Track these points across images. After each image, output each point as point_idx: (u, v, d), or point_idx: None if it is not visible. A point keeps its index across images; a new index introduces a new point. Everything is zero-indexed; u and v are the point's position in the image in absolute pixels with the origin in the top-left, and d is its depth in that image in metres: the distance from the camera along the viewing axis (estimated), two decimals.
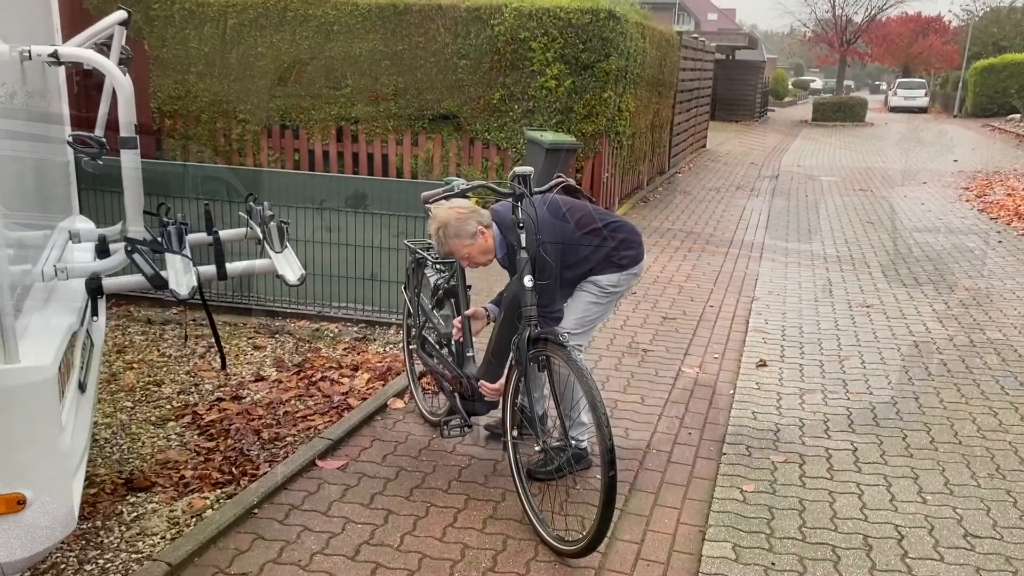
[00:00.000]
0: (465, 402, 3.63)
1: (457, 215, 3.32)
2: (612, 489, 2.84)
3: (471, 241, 3.32)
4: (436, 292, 3.85)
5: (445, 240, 3.33)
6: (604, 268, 3.51)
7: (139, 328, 5.45)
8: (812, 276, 7.57)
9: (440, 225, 3.33)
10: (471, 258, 3.37)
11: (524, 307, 3.18)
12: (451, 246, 3.33)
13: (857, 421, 4.39)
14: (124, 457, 3.78)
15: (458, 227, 3.31)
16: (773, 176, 15.06)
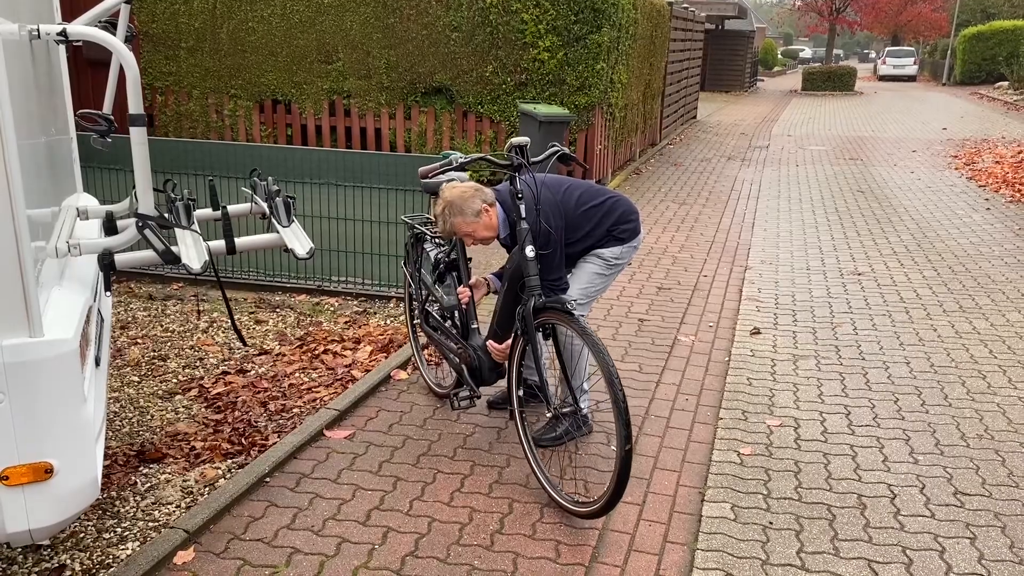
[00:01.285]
0: (472, 373, 3.70)
1: (461, 193, 3.37)
2: (628, 460, 2.90)
3: (475, 219, 3.38)
4: (437, 266, 3.90)
5: (450, 219, 3.37)
6: (606, 242, 3.58)
7: (141, 304, 5.50)
8: (804, 245, 7.66)
9: (445, 204, 3.38)
10: (475, 235, 3.43)
11: (527, 277, 3.25)
12: (456, 225, 3.38)
13: (850, 386, 4.49)
14: (134, 430, 3.85)
15: (463, 206, 3.36)
16: (764, 146, 15.11)
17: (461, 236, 3.45)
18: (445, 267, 3.87)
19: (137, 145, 2.63)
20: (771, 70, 46.38)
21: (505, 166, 3.33)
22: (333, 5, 9.64)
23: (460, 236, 3.45)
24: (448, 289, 3.91)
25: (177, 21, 10.03)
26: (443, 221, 3.41)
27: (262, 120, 10.25)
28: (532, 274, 3.24)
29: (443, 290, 3.93)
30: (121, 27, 3.15)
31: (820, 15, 40.13)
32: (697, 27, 18.37)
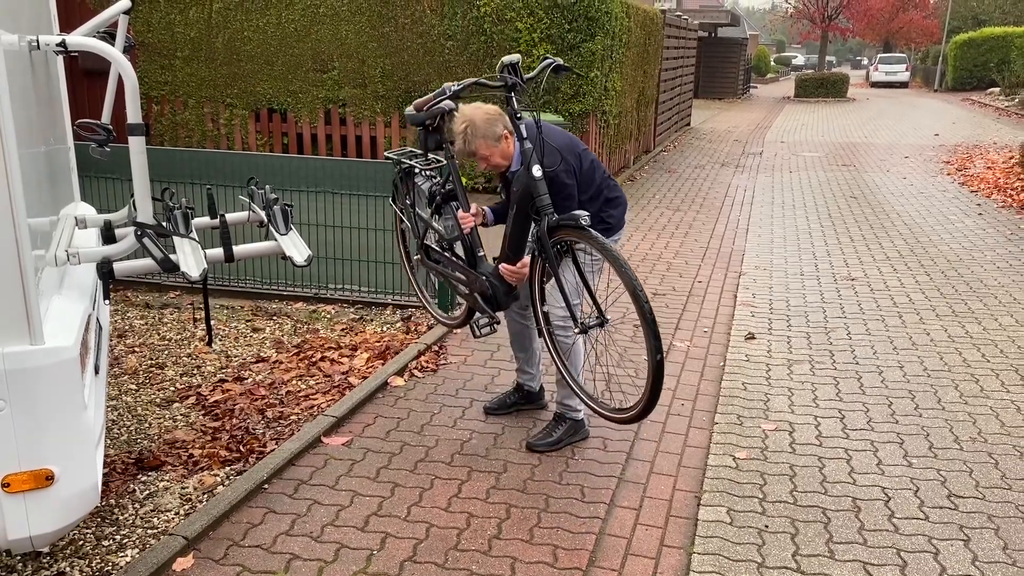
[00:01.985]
0: (488, 300, 3.60)
1: (485, 115, 3.36)
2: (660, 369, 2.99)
3: (495, 144, 3.36)
4: (433, 198, 3.75)
5: (472, 139, 3.34)
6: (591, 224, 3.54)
7: (138, 312, 5.51)
8: (797, 251, 7.71)
9: (467, 123, 3.35)
10: (490, 160, 3.41)
11: (537, 197, 3.18)
12: (476, 146, 3.35)
13: (844, 390, 4.52)
14: (132, 438, 3.86)
15: (485, 128, 3.34)
16: (757, 152, 15.19)
17: (478, 159, 3.41)
18: (442, 198, 3.71)
19: (136, 154, 2.65)
20: (764, 77, 46.59)
21: (499, 87, 3.25)
22: (328, 15, 9.68)
23: (477, 159, 3.41)
24: (447, 220, 3.74)
25: (173, 31, 10.06)
26: (463, 141, 3.36)
27: (258, 129, 10.28)
28: (542, 193, 3.18)
29: (442, 222, 3.76)
30: (119, 38, 3.18)
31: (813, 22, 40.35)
32: (690, 35, 18.46)
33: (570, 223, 3.11)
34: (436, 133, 3.57)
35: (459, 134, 3.39)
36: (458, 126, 3.40)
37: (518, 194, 3.34)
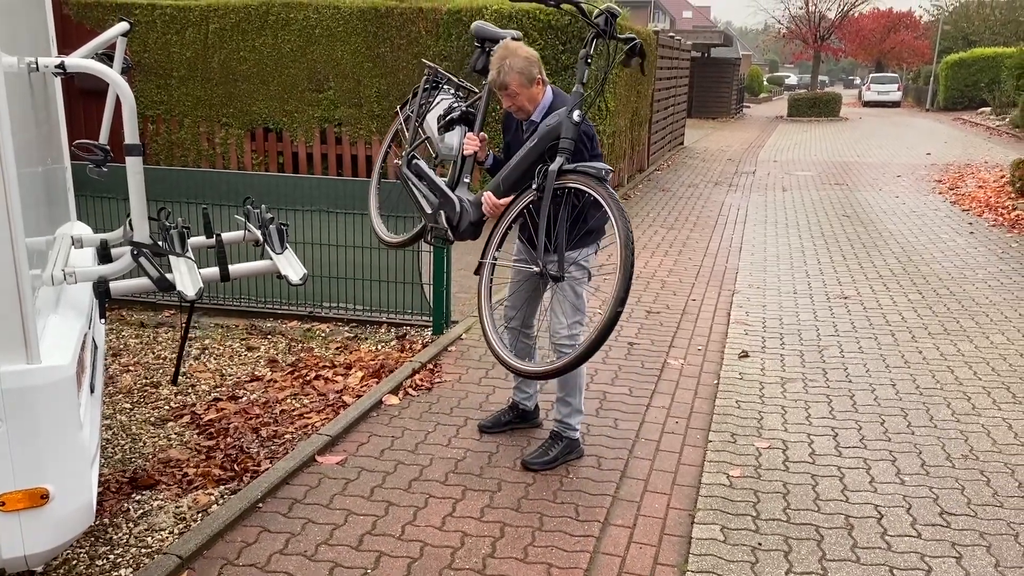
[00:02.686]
0: (451, 224, 3.56)
1: (527, 54, 3.37)
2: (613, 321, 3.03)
3: (528, 85, 3.37)
4: (449, 114, 3.68)
5: (509, 71, 3.33)
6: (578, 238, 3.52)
7: (133, 331, 5.51)
8: (791, 269, 7.75)
9: (509, 54, 3.35)
10: (516, 100, 3.41)
11: (564, 138, 3.15)
12: (510, 79, 3.35)
13: (837, 408, 4.54)
14: (126, 457, 3.86)
15: (524, 65, 3.34)
16: (750, 172, 15.28)
17: (507, 94, 3.40)
18: (459, 117, 3.65)
19: (133, 174, 2.68)
20: (757, 96, 46.90)
21: (593, 22, 3.22)
22: (324, 35, 9.76)
23: (506, 94, 3.40)
24: (452, 138, 3.66)
25: (169, 51, 10.12)
26: (499, 71, 3.36)
27: (253, 148, 10.33)
28: (570, 136, 3.16)
29: (445, 139, 3.68)
30: (118, 59, 3.21)
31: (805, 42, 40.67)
32: (683, 55, 18.61)
33: (589, 171, 3.11)
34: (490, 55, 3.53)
35: (497, 62, 3.38)
36: (498, 55, 3.39)
37: (545, 131, 3.26)
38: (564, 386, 3.80)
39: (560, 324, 3.66)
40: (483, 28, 3.66)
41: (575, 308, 3.66)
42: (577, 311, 3.67)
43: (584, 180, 3.15)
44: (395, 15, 9.55)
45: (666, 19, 56.56)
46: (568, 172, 3.17)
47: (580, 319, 3.70)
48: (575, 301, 3.66)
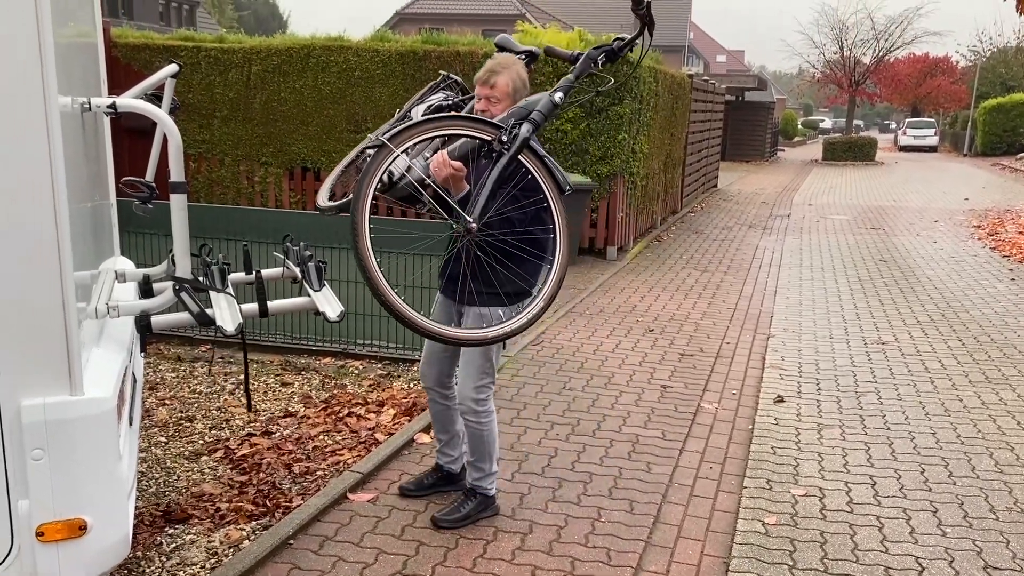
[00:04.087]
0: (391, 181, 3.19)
1: (525, 77, 3.35)
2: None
3: (510, 98, 3.28)
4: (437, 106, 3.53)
5: (504, 74, 3.29)
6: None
7: (169, 365, 5.59)
8: (827, 314, 7.66)
9: (514, 64, 3.34)
10: (492, 100, 3.32)
11: (536, 111, 2.96)
12: (501, 80, 3.29)
13: (875, 456, 4.46)
14: (160, 490, 3.88)
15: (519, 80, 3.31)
16: (785, 215, 15.20)
17: (490, 92, 3.31)
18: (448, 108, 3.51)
19: (177, 211, 2.74)
20: (791, 140, 46.84)
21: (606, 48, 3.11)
22: (363, 78, 9.95)
23: (490, 91, 3.31)
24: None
25: (212, 91, 10.38)
26: (494, 70, 3.31)
27: (291, 187, 10.50)
28: (543, 112, 2.96)
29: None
30: (166, 99, 3.30)
31: (840, 87, 40.65)
32: (717, 98, 18.68)
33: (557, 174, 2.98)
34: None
35: (504, 60, 3.34)
36: (502, 59, 3.37)
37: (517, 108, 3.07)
38: (474, 452, 3.62)
39: (465, 387, 3.50)
40: (507, 41, 3.65)
41: (482, 371, 3.50)
42: (485, 373, 3.50)
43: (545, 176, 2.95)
44: (432, 58, 9.72)
45: (700, 63, 56.91)
46: (536, 154, 2.96)
47: (487, 382, 3.53)
48: (482, 364, 3.49)
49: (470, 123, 2.99)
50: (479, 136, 2.96)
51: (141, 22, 30.42)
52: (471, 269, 3.23)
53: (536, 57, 3.57)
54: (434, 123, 2.91)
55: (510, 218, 3.13)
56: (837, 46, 39.23)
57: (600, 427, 4.74)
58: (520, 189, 3.05)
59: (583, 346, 6.33)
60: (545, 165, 2.97)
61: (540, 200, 3.04)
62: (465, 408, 3.54)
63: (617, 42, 3.13)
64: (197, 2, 39.78)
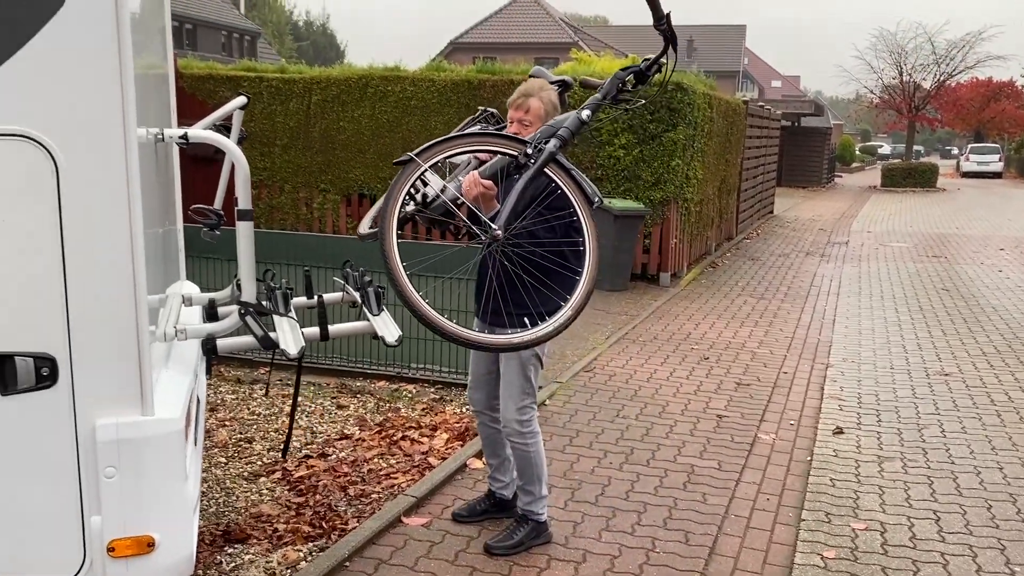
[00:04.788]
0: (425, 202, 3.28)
1: (556, 100, 3.43)
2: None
3: (541, 121, 3.34)
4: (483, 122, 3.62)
5: (537, 96, 3.39)
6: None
7: (229, 387, 5.71)
8: (887, 343, 7.49)
9: (547, 88, 3.42)
10: (524, 123, 3.40)
11: (564, 127, 3.01)
12: (534, 103, 3.38)
13: (939, 490, 4.34)
14: (220, 510, 3.96)
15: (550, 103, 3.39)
16: (843, 242, 14.95)
17: (518, 115, 3.41)
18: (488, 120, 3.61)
19: (243, 237, 2.82)
20: (849, 166, 46.08)
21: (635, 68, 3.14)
22: (419, 107, 10.13)
23: (523, 112, 3.40)
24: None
25: (273, 120, 10.67)
26: (528, 92, 3.40)
27: (348, 213, 10.70)
28: (571, 128, 3.00)
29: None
30: (235, 130, 3.42)
31: (899, 112, 39.92)
32: (773, 124, 18.52)
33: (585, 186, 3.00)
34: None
35: (536, 84, 3.43)
36: (536, 82, 3.46)
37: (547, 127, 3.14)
38: (522, 475, 3.64)
39: (508, 410, 3.54)
40: (541, 72, 3.72)
41: (523, 391, 3.53)
42: (526, 394, 3.53)
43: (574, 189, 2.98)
44: (487, 87, 9.85)
45: (754, 88, 56.54)
46: (563, 167, 2.98)
47: (530, 403, 3.56)
48: (522, 384, 3.52)
49: (496, 139, 3.08)
50: (506, 151, 3.02)
51: (205, 52, 31.41)
52: (500, 289, 3.25)
53: (569, 86, 3.63)
54: (461, 139, 3.00)
55: (539, 235, 3.18)
56: (896, 71, 38.57)
57: (654, 456, 4.70)
58: (548, 207, 3.11)
59: (636, 373, 6.30)
60: (572, 178, 3.01)
61: (568, 215, 3.07)
62: (510, 430, 3.57)
63: (644, 62, 3.17)
64: (258, 33, 40.93)
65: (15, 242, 2.16)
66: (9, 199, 2.15)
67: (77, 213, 2.18)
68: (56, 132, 2.15)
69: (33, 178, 2.15)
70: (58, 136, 2.15)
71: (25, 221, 2.16)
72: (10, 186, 2.14)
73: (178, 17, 31.44)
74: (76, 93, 2.16)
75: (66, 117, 2.16)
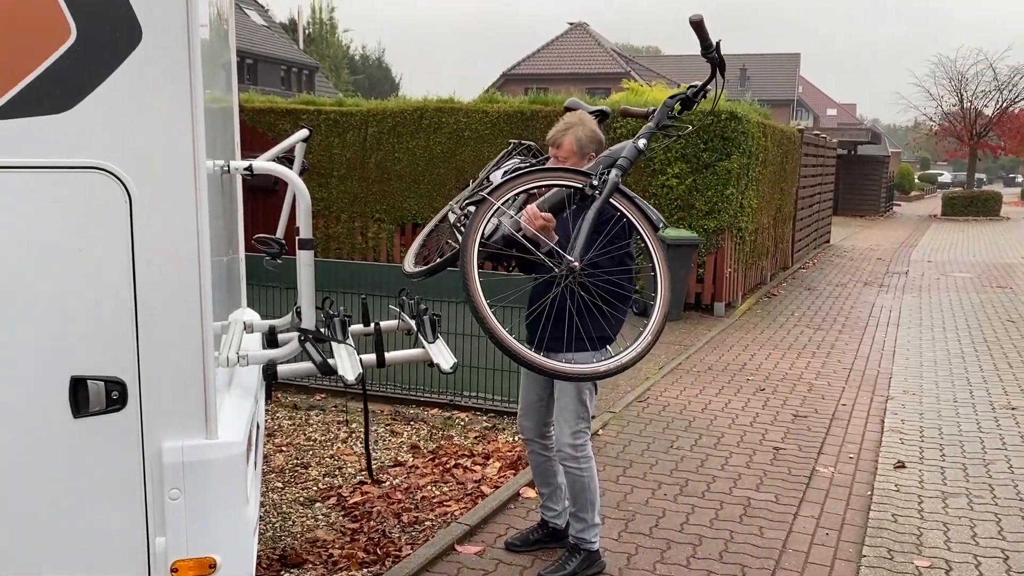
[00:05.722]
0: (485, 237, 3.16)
1: (593, 131, 3.47)
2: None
3: (579, 156, 3.43)
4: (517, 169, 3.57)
5: (569, 133, 3.44)
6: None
7: (286, 413, 5.81)
8: (950, 376, 7.29)
9: (579, 122, 3.47)
10: (556, 161, 3.48)
11: (623, 157, 3.06)
12: (566, 140, 3.44)
13: (1007, 528, 4.19)
14: (276, 535, 4.02)
15: (585, 137, 3.44)
16: (902, 272, 14.62)
17: (556, 153, 3.48)
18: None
19: (304, 266, 2.89)
20: (908, 194, 45.15)
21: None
22: (472, 138, 10.26)
23: (557, 151, 3.48)
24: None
25: (331, 152, 10.90)
26: (565, 127, 3.46)
27: (402, 242, 10.84)
28: (630, 158, 3.08)
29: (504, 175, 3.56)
30: (297, 162, 3.52)
31: (960, 140, 39.02)
32: (829, 152, 18.29)
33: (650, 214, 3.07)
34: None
35: (563, 123, 3.49)
36: (568, 119, 3.52)
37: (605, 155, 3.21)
38: (575, 502, 3.63)
39: (563, 433, 3.56)
40: (576, 103, 3.78)
41: (578, 416, 3.54)
42: (580, 419, 3.55)
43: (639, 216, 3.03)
44: (539, 117, 9.94)
45: (809, 117, 55.92)
46: (625, 195, 3.04)
47: (584, 427, 3.57)
48: (577, 408, 3.54)
49: (562, 174, 3.15)
50: (571, 184, 3.08)
51: (265, 86, 32.31)
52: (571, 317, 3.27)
53: (607, 115, 3.66)
54: (530, 176, 3.07)
55: (598, 263, 3.19)
56: (956, 98, 37.79)
57: (710, 488, 4.64)
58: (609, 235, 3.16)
59: (691, 404, 6.23)
60: (636, 205, 3.06)
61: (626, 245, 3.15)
62: (564, 455, 3.57)
63: (691, 88, 3.20)
64: (316, 67, 41.96)
65: (89, 270, 2.25)
66: (84, 229, 2.24)
67: (148, 243, 2.26)
68: (130, 164, 2.24)
69: (107, 209, 2.24)
70: (132, 168, 2.24)
71: (99, 250, 2.25)
72: (86, 216, 2.23)
73: (240, 52, 32.42)
74: (150, 126, 2.25)
75: (140, 150, 2.25)
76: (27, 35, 2.17)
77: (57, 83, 2.19)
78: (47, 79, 2.19)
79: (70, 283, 2.24)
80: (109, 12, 2.19)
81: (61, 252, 2.24)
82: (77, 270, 2.24)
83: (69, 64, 2.19)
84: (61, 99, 2.19)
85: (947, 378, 7.20)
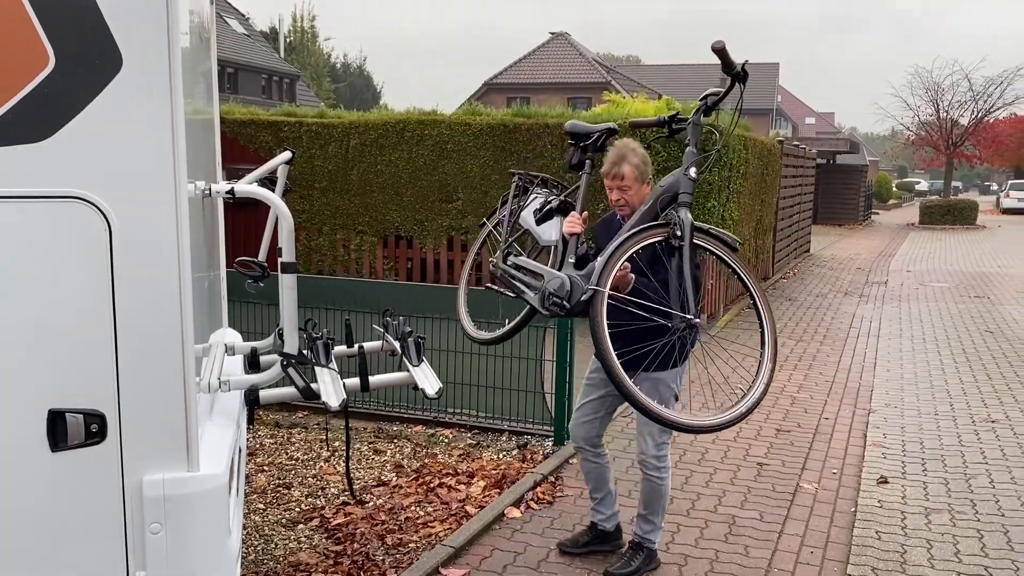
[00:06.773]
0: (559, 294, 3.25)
1: (644, 154, 3.61)
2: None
3: (641, 182, 3.58)
4: (546, 206, 3.68)
5: (626, 164, 3.55)
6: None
7: (268, 431, 5.75)
8: (930, 388, 7.34)
9: (628, 151, 3.58)
10: (627, 193, 3.60)
11: (683, 193, 3.04)
12: (626, 171, 3.55)
13: (989, 544, 4.21)
14: (259, 558, 3.97)
15: (641, 163, 3.57)
16: (882, 282, 14.74)
17: (617, 185, 3.59)
18: (557, 206, 3.62)
19: (287, 290, 2.86)
20: (886, 203, 45.60)
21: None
22: (455, 150, 10.24)
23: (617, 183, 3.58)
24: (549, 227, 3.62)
25: (313, 164, 10.84)
26: (616, 162, 3.55)
27: (385, 254, 10.80)
28: (689, 192, 3.05)
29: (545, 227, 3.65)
30: (280, 184, 3.48)
31: (936, 149, 39.47)
32: (808, 162, 18.43)
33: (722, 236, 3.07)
34: (586, 152, 3.52)
35: (615, 154, 3.56)
36: (617, 149, 3.58)
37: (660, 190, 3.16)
38: (648, 505, 3.81)
39: (647, 444, 3.74)
40: (577, 125, 3.70)
41: (661, 430, 3.66)
42: (663, 432, 3.70)
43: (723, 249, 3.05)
44: (522, 130, 9.94)
45: (788, 126, 56.36)
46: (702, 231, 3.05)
47: (667, 439, 3.77)
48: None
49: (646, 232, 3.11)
50: (656, 240, 3.10)
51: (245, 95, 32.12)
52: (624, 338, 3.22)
53: (615, 132, 3.65)
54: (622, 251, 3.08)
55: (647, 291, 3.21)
56: (932, 108, 38.22)
57: (694, 506, 4.63)
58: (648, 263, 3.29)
59: None
60: (713, 236, 3.08)
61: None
62: (649, 465, 3.74)
63: (711, 97, 3.18)
64: (298, 76, 41.80)
65: (68, 301, 2.21)
66: (63, 259, 2.19)
67: (128, 272, 2.22)
68: (110, 193, 2.20)
69: (86, 238, 2.20)
70: (112, 197, 2.20)
71: (78, 280, 2.21)
72: (64, 247, 2.19)
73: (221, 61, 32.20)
74: (130, 154, 2.21)
75: (120, 178, 2.21)
76: (3, 62, 2.13)
77: (35, 111, 2.14)
78: (25, 107, 2.14)
79: (48, 314, 2.20)
80: (89, 39, 2.16)
81: (39, 283, 2.19)
82: (55, 301, 2.20)
83: (47, 92, 2.15)
84: (39, 127, 2.15)
85: (928, 390, 7.25)
